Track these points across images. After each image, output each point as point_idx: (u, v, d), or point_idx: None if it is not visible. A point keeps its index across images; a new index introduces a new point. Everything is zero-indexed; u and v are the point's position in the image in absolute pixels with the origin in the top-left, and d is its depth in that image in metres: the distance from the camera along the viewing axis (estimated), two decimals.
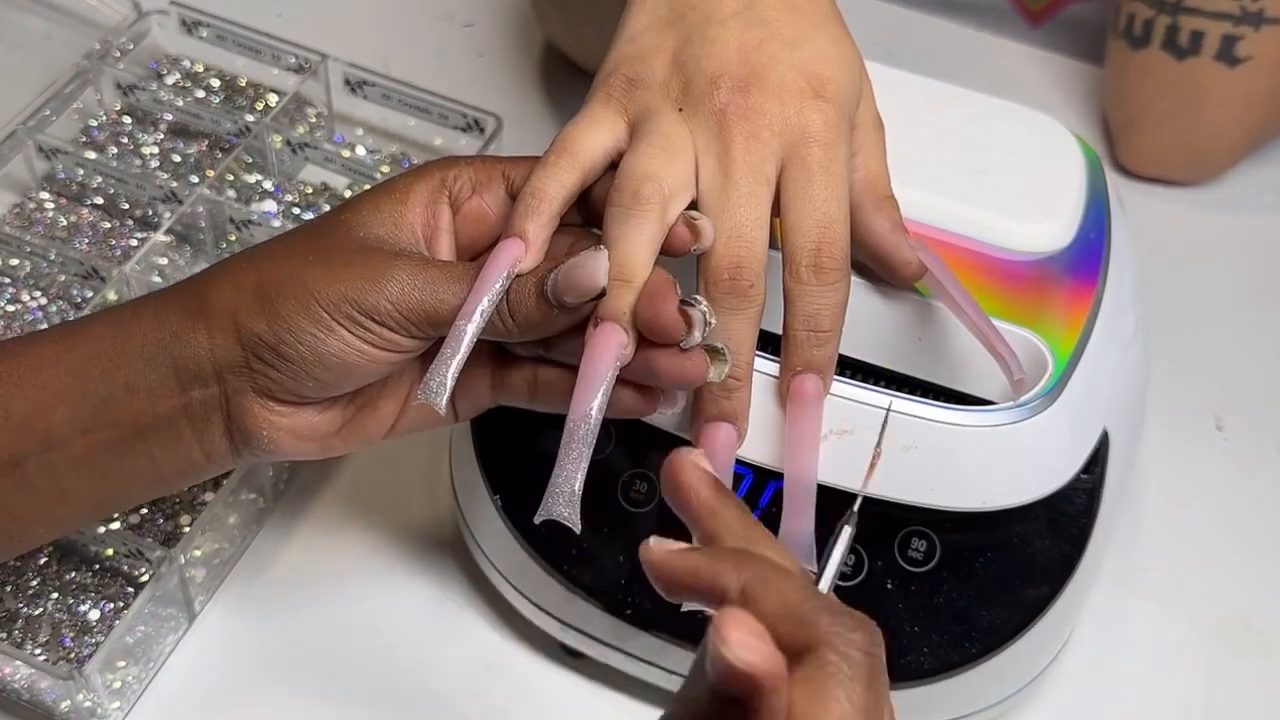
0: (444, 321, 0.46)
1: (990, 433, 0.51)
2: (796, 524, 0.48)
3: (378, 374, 0.48)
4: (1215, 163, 0.83)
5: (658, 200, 0.46)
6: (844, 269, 0.48)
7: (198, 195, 0.71)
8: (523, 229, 0.47)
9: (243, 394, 0.48)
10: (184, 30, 0.79)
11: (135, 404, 0.48)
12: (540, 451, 0.57)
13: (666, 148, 0.47)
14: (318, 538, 0.64)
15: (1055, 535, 0.54)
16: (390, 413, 0.51)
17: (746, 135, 0.47)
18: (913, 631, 0.54)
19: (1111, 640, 0.63)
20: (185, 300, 0.49)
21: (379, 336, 0.47)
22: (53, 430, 0.48)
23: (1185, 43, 0.77)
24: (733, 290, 0.47)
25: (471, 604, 0.62)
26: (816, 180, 0.48)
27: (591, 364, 0.45)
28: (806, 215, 0.47)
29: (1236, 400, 0.73)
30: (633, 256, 0.46)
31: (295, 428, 0.49)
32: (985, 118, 0.60)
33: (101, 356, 0.48)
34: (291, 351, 0.47)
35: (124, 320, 0.49)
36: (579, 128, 0.49)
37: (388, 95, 0.77)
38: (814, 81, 0.49)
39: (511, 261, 0.46)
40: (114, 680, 0.57)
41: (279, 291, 0.47)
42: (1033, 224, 0.56)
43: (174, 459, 0.50)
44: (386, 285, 0.46)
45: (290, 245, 0.49)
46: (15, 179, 0.74)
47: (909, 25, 0.91)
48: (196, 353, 0.48)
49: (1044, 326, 0.54)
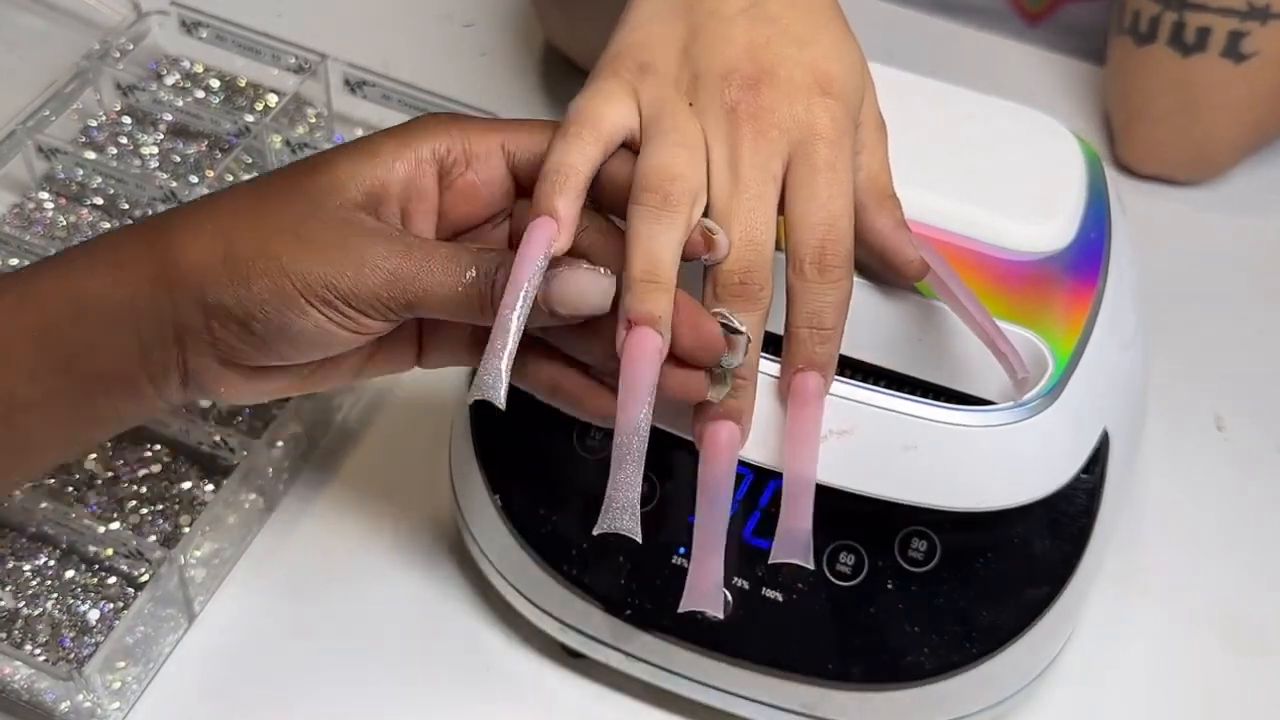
0: (425, 307, 0.45)
1: (990, 433, 0.51)
2: (795, 521, 0.48)
3: (346, 348, 0.47)
4: (1217, 161, 0.83)
5: (687, 201, 0.46)
6: (847, 267, 0.48)
7: (197, 195, 0.71)
8: (552, 207, 0.45)
9: (203, 357, 0.47)
10: (184, 30, 0.79)
11: (96, 364, 0.47)
12: (540, 452, 0.57)
13: (687, 145, 0.47)
14: (317, 538, 0.64)
15: (1055, 535, 0.54)
16: (355, 363, 0.50)
17: (755, 134, 0.47)
18: (913, 632, 0.54)
19: (1112, 640, 0.63)
20: (143, 259, 0.47)
21: (354, 321, 0.45)
22: (15, 392, 0.47)
23: (1191, 39, 0.77)
24: (743, 294, 0.46)
25: (471, 604, 0.62)
26: (822, 178, 0.47)
27: (634, 372, 0.44)
28: (811, 213, 0.47)
29: (1237, 400, 0.73)
30: (664, 259, 0.45)
31: (256, 387, 0.48)
32: (985, 117, 0.60)
33: (59, 316, 0.47)
34: (259, 328, 0.45)
35: (76, 277, 0.47)
36: (595, 101, 0.48)
37: (388, 95, 0.77)
38: (821, 79, 0.49)
39: (547, 242, 0.45)
40: (113, 681, 0.57)
41: (250, 267, 0.45)
42: (1033, 224, 0.56)
43: (133, 407, 0.49)
44: (366, 271, 0.44)
45: (261, 209, 0.47)
46: (14, 179, 0.74)
47: (908, 25, 0.91)
48: (159, 318, 0.46)
49: (1044, 326, 0.54)
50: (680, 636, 0.55)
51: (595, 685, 0.60)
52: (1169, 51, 0.78)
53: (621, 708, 0.60)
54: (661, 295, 0.45)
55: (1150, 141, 0.82)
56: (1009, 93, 0.63)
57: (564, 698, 0.60)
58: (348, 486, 0.65)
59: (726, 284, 0.46)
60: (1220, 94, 0.78)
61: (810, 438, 0.48)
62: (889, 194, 0.51)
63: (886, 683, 0.54)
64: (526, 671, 0.60)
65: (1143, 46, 0.79)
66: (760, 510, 0.55)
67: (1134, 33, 0.80)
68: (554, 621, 0.58)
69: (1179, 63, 0.78)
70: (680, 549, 0.55)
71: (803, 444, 0.48)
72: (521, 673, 0.60)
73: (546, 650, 0.61)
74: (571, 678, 0.60)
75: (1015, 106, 0.61)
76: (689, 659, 0.55)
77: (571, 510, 0.57)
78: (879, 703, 0.55)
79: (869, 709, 0.55)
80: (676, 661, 0.56)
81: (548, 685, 0.60)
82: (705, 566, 0.47)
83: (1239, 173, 0.84)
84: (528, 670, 0.60)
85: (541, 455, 0.57)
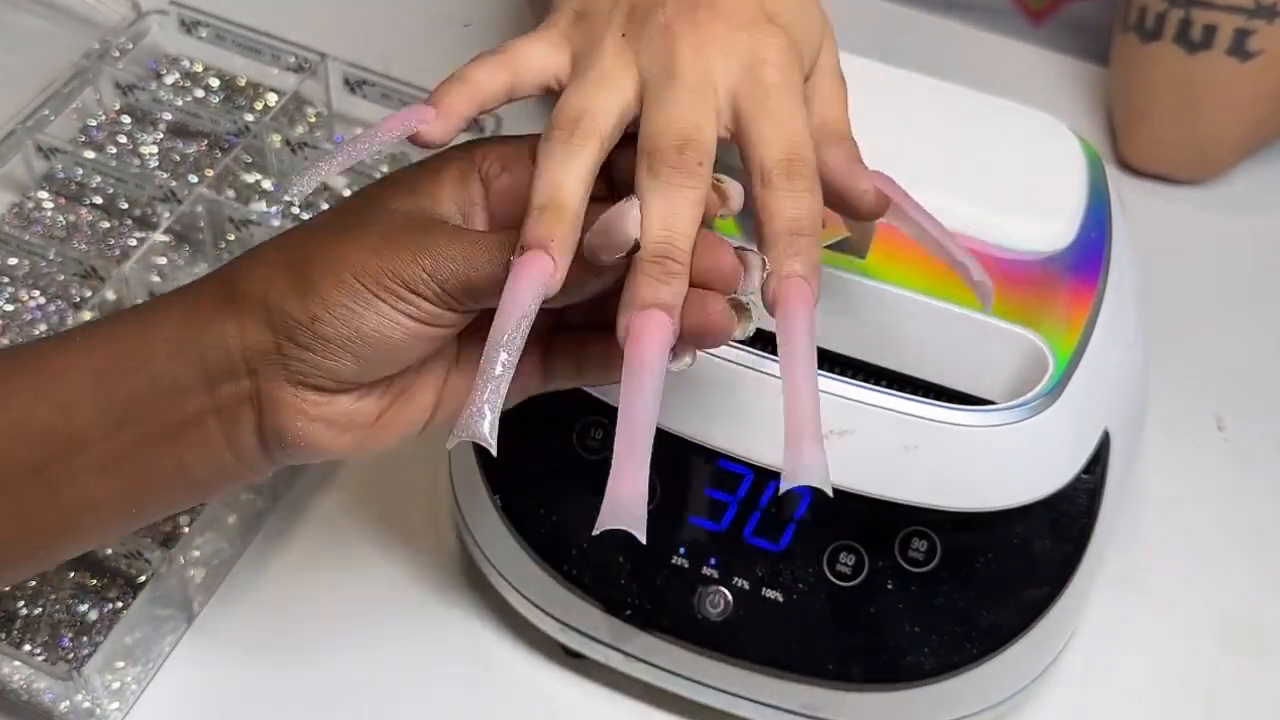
0: (481, 291, 0.45)
1: (991, 433, 0.51)
2: (807, 444, 0.43)
3: (417, 353, 0.46)
4: (1219, 160, 0.82)
5: (595, 133, 0.45)
6: (815, 182, 0.45)
7: (197, 195, 0.71)
8: (438, 98, 0.46)
9: (275, 384, 0.46)
10: (183, 30, 0.79)
11: (160, 402, 0.46)
12: (540, 452, 0.57)
13: (605, 81, 0.46)
14: (317, 538, 0.64)
15: (1056, 535, 0.54)
16: (428, 401, 0.49)
17: (694, 46, 0.46)
18: (913, 632, 0.54)
19: (1113, 641, 0.63)
20: (213, 289, 0.47)
21: (417, 309, 0.45)
22: (75, 435, 0.46)
23: (1198, 37, 0.77)
24: (679, 165, 0.44)
25: (471, 604, 0.62)
26: (775, 97, 0.46)
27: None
28: (769, 129, 0.45)
29: (1238, 400, 0.73)
30: (565, 185, 0.44)
31: (330, 417, 0.47)
32: (986, 117, 0.60)
33: (124, 354, 0.46)
34: (328, 329, 0.45)
35: (148, 315, 0.47)
36: (520, 40, 0.48)
37: (387, 95, 0.77)
38: (766, 9, 0.47)
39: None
40: (113, 681, 0.57)
41: (312, 266, 0.45)
42: (1034, 223, 0.56)
43: (203, 461, 0.48)
44: (422, 254, 0.44)
45: (322, 222, 0.48)
46: (14, 178, 0.74)
47: (909, 24, 0.91)
48: (225, 343, 0.46)
49: (1045, 326, 0.54)
50: (680, 637, 0.55)
51: (595, 685, 0.60)
52: (1174, 49, 0.78)
53: (621, 708, 0.60)
54: (559, 221, 0.43)
55: (1152, 139, 0.82)
56: (1011, 92, 0.62)
57: (563, 698, 0.60)
58: (348, 486, 0.65)
59: (661, 152, 0.44)
60: (1224, 92, 0.78)
61: (807, 347, 0.44)
62: (844, 136, 0.49)
63: (887, 683, 0.54)
64: (526, 671, 0.60)
65: (1148, 43, 0.79)
66: (760, 510, 0.55)
67: (1139, 29, 0.80)
68: (554, 621, 0.58)
69: (1184, 60, 0.78)
70: (681, 548, 0.55)
71: (799, 356, 0.44)
72: (521, 673, 0.60)
73: (546, 650, 0.61)
74: (571, 678, 0.60)
75: (1017, 106, 0.61)
76: (689, 659, 0.55)
77: (571, 510, 0.57)
78: (879, 703, 0.54)
79: (869, 709, 0.55)
80: (676, 662, 0.56)
81: (548, 685, 0.60)
82: (625, 476, 0.41)
83: (1240, 173, 0.84)
84: (528, 670, 0.60)
85: (541, 455, 0.57)
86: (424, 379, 0.49)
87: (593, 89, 0.46)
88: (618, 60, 0.46)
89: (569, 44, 0.48)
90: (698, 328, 0.44)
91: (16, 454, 0.46)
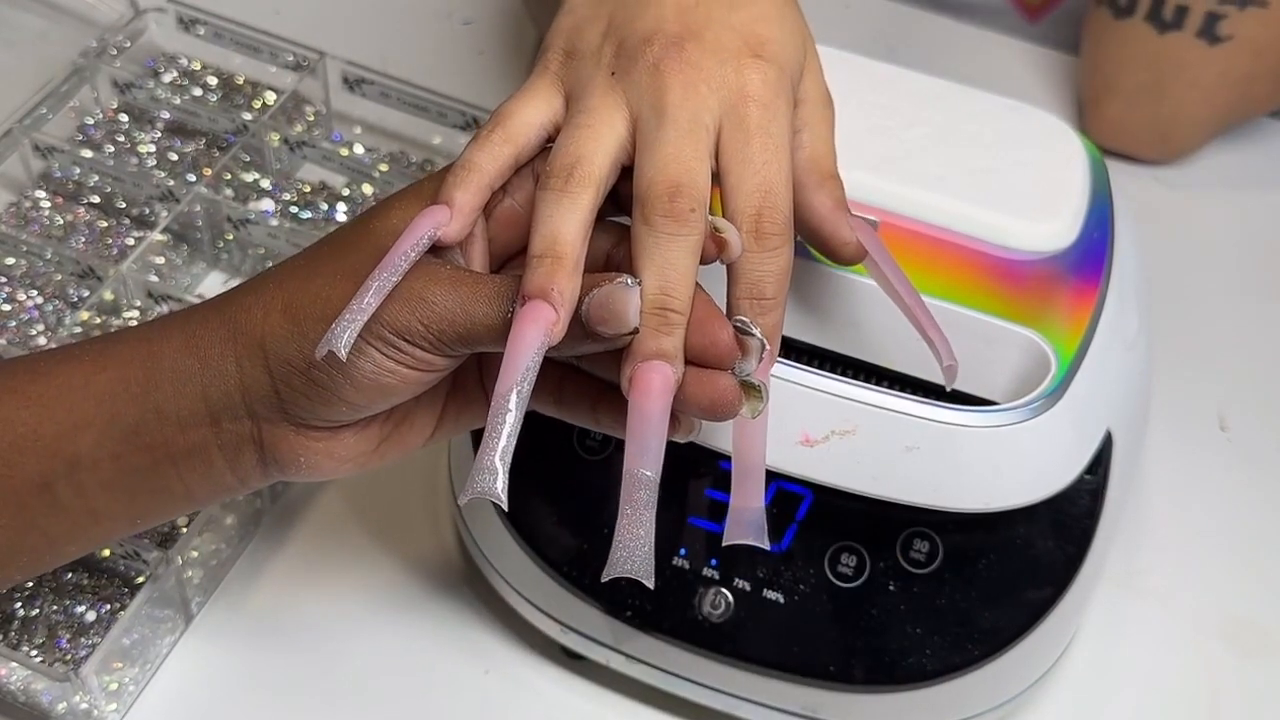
0: (478, 340, 0.44)
1: (993, 433, 0.51)
2: (745, 501, 0.45)
3: (411, 393, 0.46)
4: (1181, 142, 0.82)
5: (591, 181, 0.44)
6: (786, 235, 0.45)
7: (195, 194, 0.71)
8: (450, 196, 0.45)
9: (275, 424, 0.47)
10: (181, 28, 0.79)
11: (165, 431, 0.47)
12: (540, 452, 0.57)
13: (593, 124, 0.46)
14: (315, 539, 0.63)
15: (1058, 536, 0.54)
16: (428, 423, 0.50)
17: (683, 85, 0.46)
18: (915, 633, 0.53)
19: (1115, 642, 0.63)
20: (214, 323, 0.47)
21: (411, 356, 0.45)
22: (81, 453, 0.47)
23: (1169, 16, 0.77)
24: (671, 213, 0.44)
25: (471, 605, 0.62)
26: (755, 143, 0.46)
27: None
28: (746, 179, 0.45)
29: (1240, 401, 0.73)
30: (564, 236, 0.43)
31: (332, 450, 0.48)
32: (988, 116, 0.60)
33: (130, 380, 0.47)
34: (322, 376, 0.45)
35: (153, 340, 0.47)
36: (514, 103, 0.47)
37: (386, 93, 0.77)
38: (752, 41, 0.47)
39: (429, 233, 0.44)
40: (110, 682, 0.57)
41: (306, 314, 0.45)
42: (1036, 223, 0.56)
43: (205, 483, 0.48)
44: (417, 305, 0.44)
45: (317, 262, 0.47)
46: (11, 177, 0.74)
47: (908, 22, 0.90)
48: (225, 384, 0.46)
49: (1047, 326, 0.54)
50: (681, 638, 0.55)
51: (595, 687, 0.60)
52: (1145, 26, 0.78)
53: (621, 709, 0.59)
54: (559, 270, 0.43)
55: (1117, 116, 0.82)
56: (1009, 90, 0.62)
57: (564, 699, 0.60)
58: (346, 488, 0.65)
59: (653, 201, 0.44)
60: (1191, 74, 0.78)
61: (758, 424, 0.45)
62: (831, 174, 0.49)
63: (888, 684, 0.54)
64: (526, 672, 0.60)
65: (1120, 19, 0.79)
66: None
67: (1112, 5, 0.80)
68: (554, 623, 0.58)
69: (1154, 39, 0.78)
70: (682, 550, 0.55)
71: (748, 422, 0.45)
72: (521, 674, 0.60)
73: (546, 652, 0.61)
74: (571, 679, 0.60)
75: (1019, 105, 0.61)
76: (689, 660, 0.55)
77: (572, 511, 0.56)
78: (881, 705, 0.54)
79: (871, 711, 0.55)
80: (676, 663, 0.56)
81: (548, 687, 0.60)
82: (635, 528, 0.42)
83: (1243, 173, 0.84)
84: (528, 671, 0.60)
85: (542, 456, 0.57)
86: (422, 405, 0.49)
87: (585, 135, 0.45)
88: (607, 100, 0.46)
89: (561, 86, 0.48)
90: (703, 401, 0.44)
91: (25, 469, 0.47)
